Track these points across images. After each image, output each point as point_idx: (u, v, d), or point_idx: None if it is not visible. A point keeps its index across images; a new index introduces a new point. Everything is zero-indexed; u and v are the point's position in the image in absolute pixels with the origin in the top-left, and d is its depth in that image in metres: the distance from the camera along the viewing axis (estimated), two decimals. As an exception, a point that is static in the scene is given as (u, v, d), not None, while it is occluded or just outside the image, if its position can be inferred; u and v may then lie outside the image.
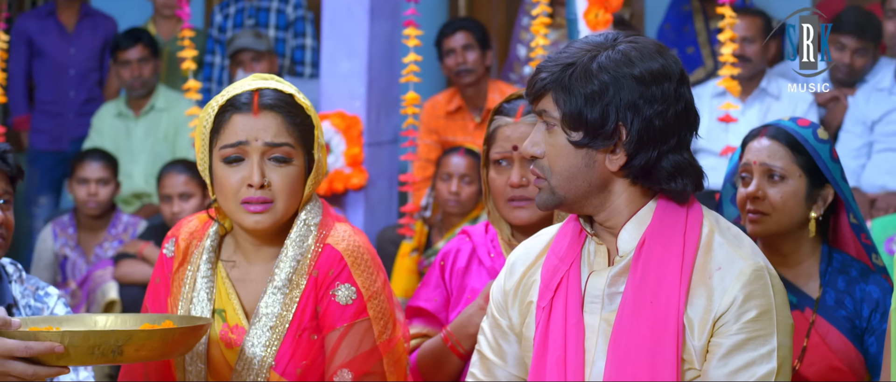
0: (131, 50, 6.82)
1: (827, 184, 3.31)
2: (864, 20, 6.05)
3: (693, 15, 6.84)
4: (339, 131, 6.14)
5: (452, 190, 5.85)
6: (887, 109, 5.80)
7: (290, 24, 7.25)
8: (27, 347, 2.63)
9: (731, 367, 2.53)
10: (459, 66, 6.44)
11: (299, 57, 7.29)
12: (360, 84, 6.16)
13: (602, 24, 4.97)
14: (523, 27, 6.92)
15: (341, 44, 6.19)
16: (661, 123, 2.54)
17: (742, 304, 2.53)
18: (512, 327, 2.79)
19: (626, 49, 2.56)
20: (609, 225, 2.64)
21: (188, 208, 6.02)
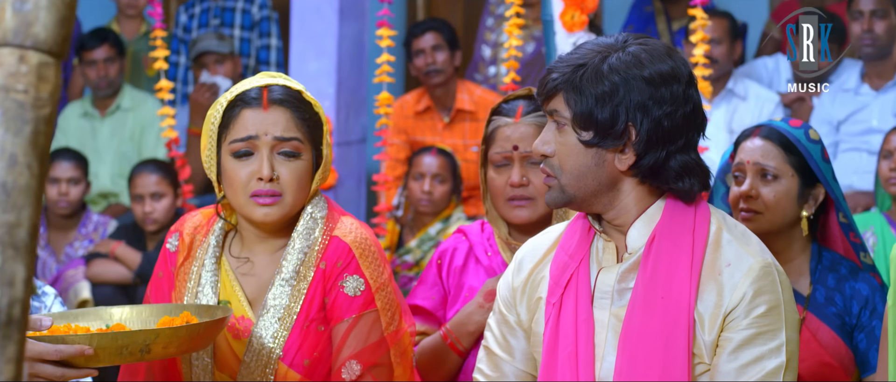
0: (98, 50, 6.80)
1: (818, 184, 3.36)
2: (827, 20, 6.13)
3: (655, 16, 6.92)
4: (309, 131, 6.14)
5: (425, 189, 5.89)
6: (853, 109, 5.89)
7: (256, 24, 7.26)
8: (57, 350, 2.63)
9: (741, 361, 2.57)
10: (429, 66, 6.48)
11: (264, 57, 7.30)
12: (329, 84, 6.17)
13: (578, 26, 5.02)
14: (488, 28, 6.96)
15: (310, 44, 6.20)
16: (670, 124, 2.58)
17: (752, 299, 2.58)
18: (520, 322, 2.83)
19: (636, 51, 2.61)
20: (617, 223, 2.68)
21: (160, 207, 6.01)
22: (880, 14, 5.77)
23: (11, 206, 1.70)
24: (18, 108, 1.71)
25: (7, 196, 1.70)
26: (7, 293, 1.69)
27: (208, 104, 6.41)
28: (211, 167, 3.02)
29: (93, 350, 2.64)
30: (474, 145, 6.24)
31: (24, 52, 1.73)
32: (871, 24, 5.76)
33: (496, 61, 6.93)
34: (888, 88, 5.85)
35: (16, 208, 1.70)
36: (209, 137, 3.00)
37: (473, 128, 6.29)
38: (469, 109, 6.25)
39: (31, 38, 1.73)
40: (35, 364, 2.65)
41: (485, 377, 2.89)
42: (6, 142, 1.70)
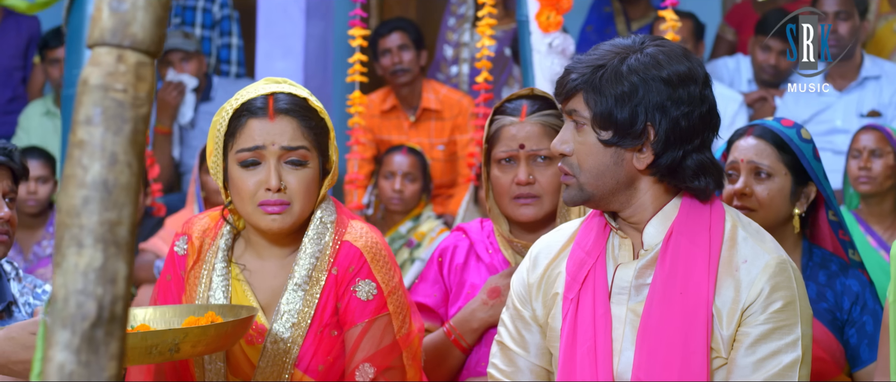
0: (61, 48, 6.75)
1: (810, 182, 3.41)
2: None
3: (614, 17, 6.97)
4: (277, 130, 6.14)
5: (396, 188, 5.91)
6: (816, 109, 5.97)
7: (216, 23, 7.23)
8: None
9: (759, 355, 2.62)
10: (395, 65, 6.49)
11: (225, 56, 7.28)
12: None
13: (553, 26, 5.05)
14: (450, 28, 6.99)
15: (277, 43, 6.21)
16: (687, 124, 2.63)
17: (769, 295, 2.63)
18: (535, 318, 2.87)
19: (654, 52, 2.65)
20: (634, 221, 2.73)
21: (129, 206, 5.98)
22: (844, 15, 5.85)
23: (113, 204, 1.72)
24: (118, 107, 1.72)
25: (109, 194, 1.72)
26: (110, 290, 1.70)
27: (175, 103, 6.40)
28: (217, 173, 3.02)
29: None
30: (440, 143, 6.27)
31: (122, 51, 1.74)
32: (835, 26, 5.85)
33: (458, 61, 6.95)
34: (851, 89, 5.94)
35: (117, 206, 1.72)
36: (215, 143, 2.99)
37: (439, 127, 6.32)
38: (435, 108, 6.28)
39: (129, 37, 1.74)
40: None
41: (499, 371, 2.91)
42: (106, 140, 1.72)
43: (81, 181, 1.71)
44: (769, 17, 6.28)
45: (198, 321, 2.81)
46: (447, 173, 6.28)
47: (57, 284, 1.70)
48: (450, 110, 6.28)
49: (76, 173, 1.72)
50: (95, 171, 1.71)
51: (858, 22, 5.91)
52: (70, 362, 1.68)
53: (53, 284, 1.71)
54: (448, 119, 6.27)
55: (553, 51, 5.05)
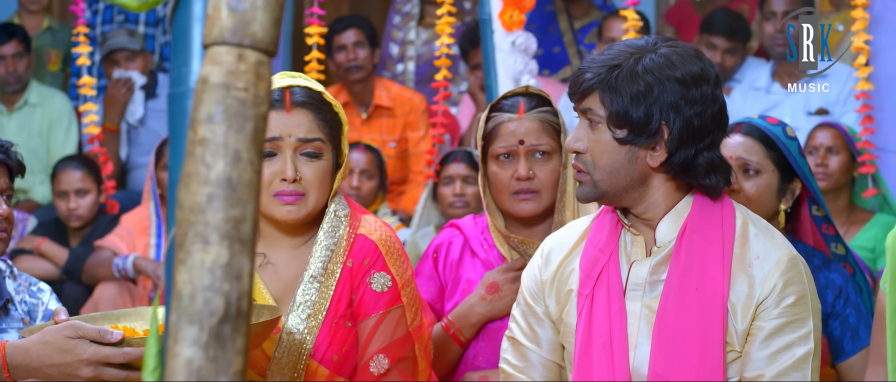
0: (6, 45, 6.66)
1: (795, 178, 3.48)
2: (734, 21, 6.30)
3: (557, 15, 7.02)
4: (230, 127, 6.12)
5: (353, 185, 5.92)
6: (765, 107, 6.05)
7: (160, 21, 7.19)
8: (125, 353, 2.63)
9: (773, 349, 2.68)
10: (350, 62, 6.50)
11: (168, 53, 7.24)
12: (248, 81, 6.16)
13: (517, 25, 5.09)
14: (395, 26, 7.02)
15: (229, 40, 6.18)
16: (700, 123, 2.68)
17: (782, 290, 2.69)
18: (548, 314, 2.91)
19: (668, 53, 2.70)
20: (646, 217, 2.78)
21: (84, 203, 5.95)
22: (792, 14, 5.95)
23: (237, 201, 1.73)
24: (240, 105, 1.74)
25: (233, 191, 1.73)
26: (236, 286, 1.72)
27: (124, 99, 6.35)
28: None
29: None
30: (392, 140, 6.29)
31: (242, 50, 1.76)
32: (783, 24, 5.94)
33: (404, 59, 6.98)
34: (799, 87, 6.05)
35: (241, 204, 1.73)
36: None
37: (390, 124, 6.33)
38: (387, 105, 6.29)
39: (249, 37, 1.76)
40: (101, 367, 2.65)
41: (511, 366, 2.95)
42: (229, 138, 1.73)
43: (205, 179, 1.72)
44: (714, 15, 6.37)
45: None
46: (398, 169, 6.31)
47: (181, 280, 1.71)
48: (401, 108, 6.30)
49: (199, 170, 1.73)
50: (219, 168, 1.72)
51: (806, 20, 6.01)
52: (198, 357, 1.70)
53: (176, 280, 1.71)
54: (400, 116, 6.29)
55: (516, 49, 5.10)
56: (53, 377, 2.69)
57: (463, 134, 6.43)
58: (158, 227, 5.90)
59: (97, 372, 2.65)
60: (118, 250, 5.82)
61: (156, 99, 6.74)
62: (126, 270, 5.73)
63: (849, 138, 5.20)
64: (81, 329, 2.65)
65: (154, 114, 6.73)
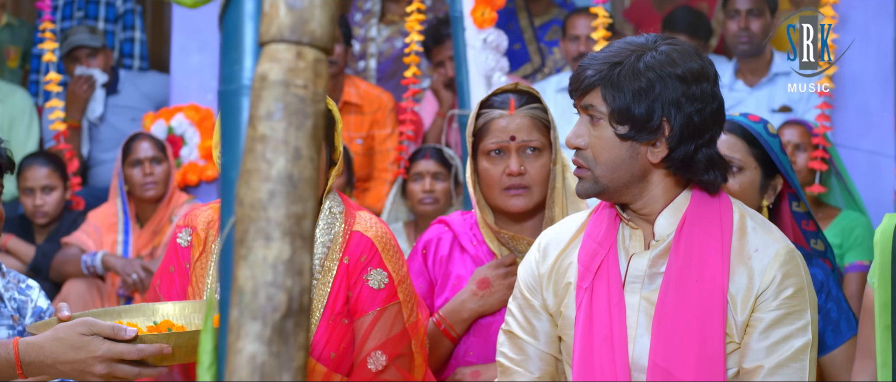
0: None
1: (777, 174, 3.52)
2: (695, 19, 6.37)
3: (517, 12, 7.05)
4: (193, 124, 6.13)
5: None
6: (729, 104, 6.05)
7: (119, 17, 7.15)
8: (138, 350, 2.63)
9: (772, 340, 2.72)
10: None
11: (128, 50, 7.21)
12: (212, 77, 6.16)
13: (488, 22, 5.13)
14: (356, 23, 7.01)
15: (192, 37, 6.18)
16: (700, 120, 2.72)
17: (780, 282, 2.73)
18: (545, 306, 2.94)
19: (669, 50, 2.74)
20: (645, 212, 2.82)
21: (51, 200, 5.92)
22: (756, 13, 5.99)
23: (298, 197, 1.75)
24: (299, 102, 1.75)
25: (294, 188, 1.75)
26: (298, 282, 1.74)
27: (85, 96, 6.30)
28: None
29: (171, 349, 2.65)
30: (359, 137, 6.29)
31: (301, 48, 1.77)
32: (747, 23, 5.98)
33: (365, 56, 6.98)
34: (762, 85, 6.09)
35: (302, 200, 1.75)
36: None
37: (358, 121, 6.33)
38: (355, 102, 6.30)
39: (308, 35, 1.77)
40: (115, 364, 2.65)
41: (508, 359, 2.97)
42: (289, 135, 1.74)
43: (266, 175, 1.73)
44: (676, 13, 6.43)
45: None
46: (365, 166, 6.30)
47: (243, 276, 1.72)
48: (370, 105, 6.30)
49: (260, 167, 1.74)
50: (280, 165, 1.73)
51: (769, 19, 6.08)
52: (261, 353, 1.71)
53: (237, 276, 1.72)
54: (368, 114, 6.29)
55: (488, 46, 5.12)
56: (66, 374, 2.69)
57: (426, 131, 6.44)
58: (125, 223, 5.88)
59: (110, 369, 2.64)
60: (85, 246, 5.79)
61: (117, 95, 6.70)
62: (95, 267, 5.70)
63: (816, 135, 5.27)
64: (95, 326, 2.65)
65: (115, 110, 6.70)
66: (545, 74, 6.94)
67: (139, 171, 5.84)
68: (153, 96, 6.72)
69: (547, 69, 6.98)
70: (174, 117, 6.14)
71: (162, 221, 5.91)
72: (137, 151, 5.85)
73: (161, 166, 5.89)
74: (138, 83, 6.82)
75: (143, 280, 5.57)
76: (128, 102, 6.71)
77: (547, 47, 6.99)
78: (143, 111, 6.58)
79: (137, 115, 6.61)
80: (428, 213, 5.55)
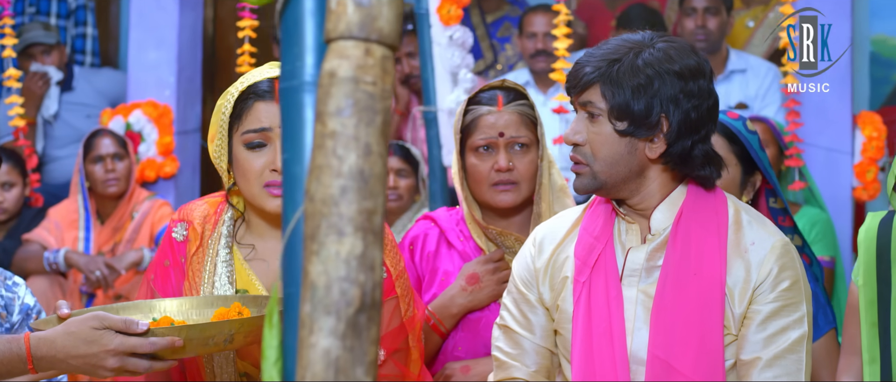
0: None
1: (756, 171, 3.59)
2: (650, 16, 6.42)
3: (469, 9, 7.07)
4: (151, 120, 6.11)
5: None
6: (684, 102, 6.20)
7: (72, 13, 7.09)
8: (151, 343, 2.62)
9: (769, 331, 2.77)
10: None
11: (80, 46, 7.16)
12: (169, 73, 6.15)
13: (454, 19, 5.15)
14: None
15: (149, 33, 6.15)
16: (697, 116, 2.77)
17: (777, 275, 2.79)
18: (541, 301, 2.97)
19: (665, 47, 2.78)
20: (641, 208, 2.86)
21: (10, 197, 5.88)
22: (712, 11, 6.06)
23: (369, 193, 1.76)
24: (369, 99, 1.77)
25: (365, 184, 1.76)
26: (370, 277, 1.75)
27: (41, 92, 6.25)
28: (221, 157, 3.02)
29: (182, 342, 2.65)
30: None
31: (369, 45, 1.79)
32: (704, 21, 6.05)
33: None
34: (719, 82, 6.14)
35: (373, 196, 1.76)
36: (219, 126, 3.00)
37: (320, 118, 6.34)
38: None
39: (376, 32, 1.79)
40: (126, 358, 2.65)
41: (504, 353, 3.00)
42: (360, 132, 1.76)
43: (337, 171, 1.74)
44: (630, 11, 6.48)
45: (227, 312, 2.82)
46: (324, 163, 6.31)
47: (315, 271, 1.73)
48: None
49: (331, 162, 1.75)
50: (351, 161, 1.74)
51: (725, 17, 6.15)
52: (335, 347, 1.72)
53: (309, 271, 1.73)
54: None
55: (454, 43, 5.14)
56: (78, 368, 2.68)
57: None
58: (87, 220, 5.85)
59: (122, 363, 2.64)
60: (47, 243, 5.75)
61: (71, 92, 6.66)
62: (57, 263, 5.66)
63: (777, 132, 5.34)
64: (107, 320, 2.64)
65: (68, 107, 6.65)
66: (498, 70, 6.97)
67: (101, 167, 5.81)
68: (108, 93, 6.68)
69: (499, 66, 7.02)
70: (132, 114, 6.11)
71: (123, 217, 5.88)
72: (99, 147, 5.82)
73: (123, 163, 5.86)
74: (93, 80, 6.77)
75: (106, 277, 5.54)
76: (82, 98, 6.67)
77: (499, 44, 7.02)
78: (97, 108, 6.54)
79: (92, 112, 6.56)
80: (391, 210, 5.56)
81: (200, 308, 2.93)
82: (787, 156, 5.29)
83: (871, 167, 5.60)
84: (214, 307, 2.91)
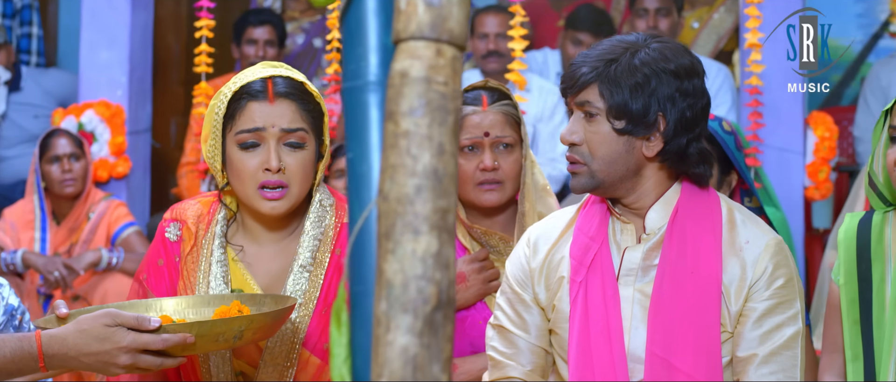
0: None
1: (732, 171, 3.66)
2: (599, 17, 6.47)
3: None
4: (104, 120, 6.06)
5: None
6: (637, 101, 6.25)
7: (17, 13, 7.02)
8: (163, 340, 2.62)
9: (765, 329, 2.82)
10: (257, 58, 6.49)
11: (25, 45, 7.09)
12: (121, 73, 6.11)
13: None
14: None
15: (101, 33, 6.11)
16: (692, 114, 2.82)
17: (772, 273, 2.83)
18: (536, 300, 2.99)
19: (660, 47, 2.83)
20: (636, 207, 2.90)
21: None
22: (664, 12, 6.13)
23: (443, 192, 1.78)
24: (441, 99, 1.79)
25: (439, 183, 1.78)
26: (446, 275, 1.77)
27: None
28: (215, 157, 3.03)
29: (194, 339, 2.65)
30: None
31: (440, 45, 1.81)
32: (655, 21, 6.12)
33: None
34: (670, 82, 6.24)
35: (446, 194, 1.78)
36: (212, 126, 3.01)
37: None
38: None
39: (447, 32, 1.81)
40: (138, 355, 2.65)
41: (499, 353, 3.02)
42: (433, 131, 1.78)
43: (412, 170, 1.76)
44: (579, 11, 6.51)
45: (228, 311, 2.83)
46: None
47: (391, 270, 1.75)
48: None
49: (405, 162, 1.77)
50: (425, 160, 1.76)
51: (676, 17, 6.22)
52: (413, 345, 1.73)
53: (384, 270, 1.75)
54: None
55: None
56: (89, 366, 2.68)
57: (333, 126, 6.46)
58: (43, 220, 5.80)
59: (134, 360, 2.64)
60: (2, 244, 5.70)
61: (19, 92, 6.59)
62: (14, 264, 5.61)
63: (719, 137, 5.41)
64: (119, 317, 2.64)
65: (16, 108, 6.60)
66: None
67: (58, 167, 5.77)
68: (56, 93, 6.63)
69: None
70: (84, 114, 6.07)
71: (79, 218, 5.85)
72: (56, 147, 5.78)
73: (79, 163, 5.82)
74: (41, 80, 6.71)
75: (65, 278, 5.50)
76: (30, 99, 6.61)
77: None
78: (46, 109, 6.48)
79: (40, 112, 6.50)
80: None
81: (197, 307, 2.94)
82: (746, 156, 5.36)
83: (823, 167, 5.69)
84: (211, 306, 2.92)
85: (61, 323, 2.77)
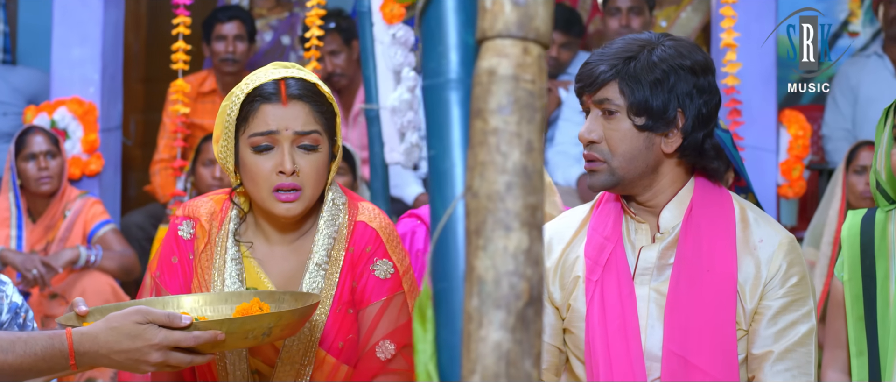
0: None
1: (729, 168, 3.71)
2: (569, 16, 6.51)
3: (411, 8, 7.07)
4: (77, 117, 6.02)
5: (216, 176, 5.88)
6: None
7: (-12, 11, 6.97)
8: (195, 337, 2.62)
9: (780, 326, 2.87)
10: (227, 54, 6.46)
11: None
12: (94, 71, 6.08)
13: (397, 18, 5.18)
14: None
15: (73, 30, 6.07)
16: (707, 110, 2.87)
17: (786, 271, 2.88)
18: (551, 300, 3.03)
19: (675, 44, 2.87)
20: (651, 205, 2.94)
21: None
22: (636, 11, 6.18)
23: (532, 189, 1.80)
24: (528, 96, 1.81)
25: (529, 180, 1.80)
26: (536, 271, 1.79)
27: None
28: (227, 158, 3.02)
29: (224, 336, 2.66)
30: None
31: (527, 44, 1.83)
32: (628, 20, 6.17)
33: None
34: (643, 81, 6.29)
35: (535, 191, 1.80)
36: (224, 128, 3.00)
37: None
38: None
39: (533, 31, 1.83)
40: (169, 352, 2.65)
41: None
42: (522, 129, 1.80)
43: (502, 167, 1.78)
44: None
45: (249, 308, 2.83)
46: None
47: (483, 266, 1.77)
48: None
49: (495, 159, 1.78)
50: (515, 158, 1.78)
51: (648, 16, 6.27)
52: (506, 340, 1.75)
53: (475, 266, 1.77)
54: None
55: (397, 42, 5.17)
56: (120, 363, 2.67)
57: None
58: (19, 218, 5.75)
59: (165, 357, 2.64)
60: (-18, 244, 5.66)
61: (-10, 90, 6.55)
62: (-8, 261, 5.57)
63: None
64: (150, 315, 2.64)
65: (-15, 105, 6.54)
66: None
67: (34, 165, 5.73)
68: (24, 91, 6.58)
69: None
70: (57, 111, 6.03)
71: (56, 215, 5.81)
72: (31, 144, 5.74)
73: (55, 160, 5.78)
74: (9, 77, 6.66)
75: (43, 276, 5.46)
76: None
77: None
78: (14, 106, 6.43)
79: (8, 110, 6.45)
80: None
81: (215, 304, 2.94)
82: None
83: (797, 165, 5.76)
84: (229, 304, 2.92)
85: (81, 321, 2.76)
